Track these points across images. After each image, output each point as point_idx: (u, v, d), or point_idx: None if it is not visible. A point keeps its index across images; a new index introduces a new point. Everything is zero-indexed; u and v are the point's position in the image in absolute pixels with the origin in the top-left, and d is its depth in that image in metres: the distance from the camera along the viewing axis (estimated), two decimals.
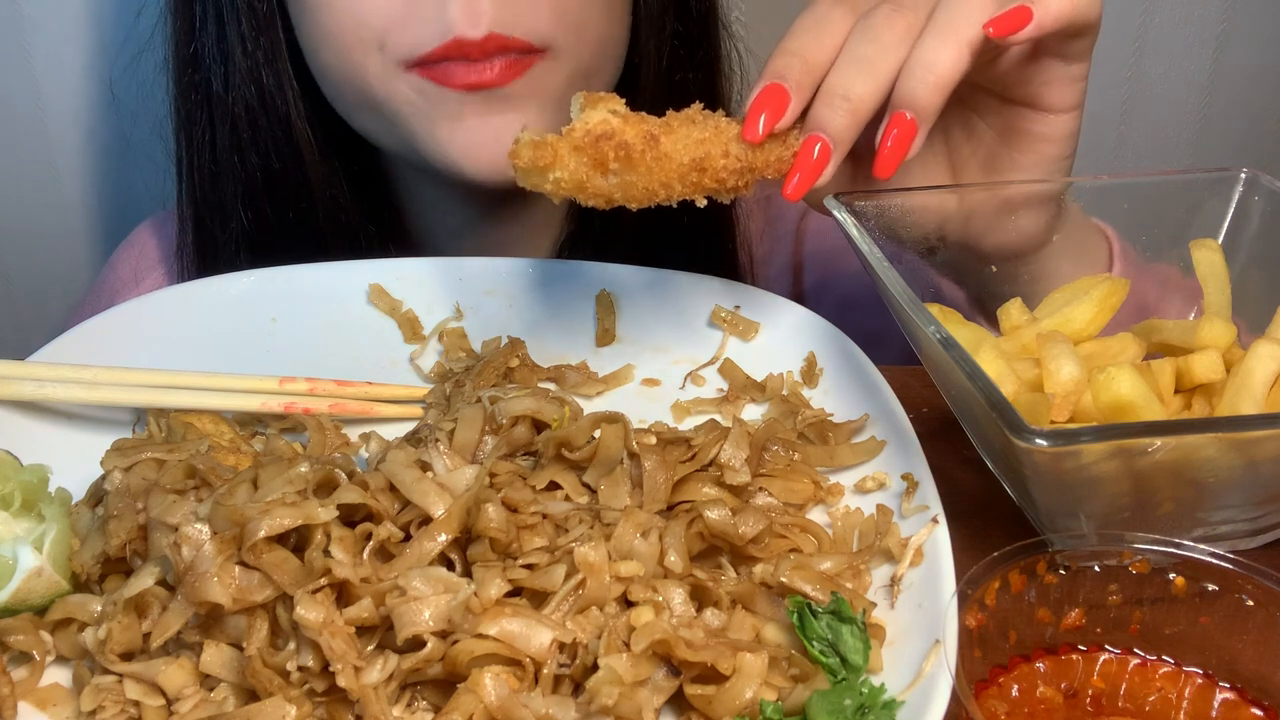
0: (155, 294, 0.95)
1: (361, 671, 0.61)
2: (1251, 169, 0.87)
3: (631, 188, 0.76)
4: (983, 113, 0.88)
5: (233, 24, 1.06)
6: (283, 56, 1.07)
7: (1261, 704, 0.62)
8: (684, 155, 0.76)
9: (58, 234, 1.51)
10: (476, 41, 0.94)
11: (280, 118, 1.08)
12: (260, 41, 1.06)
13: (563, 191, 0.76)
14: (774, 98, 0.78)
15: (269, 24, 1.06)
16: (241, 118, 1.09)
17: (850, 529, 0.74)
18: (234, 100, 1.08)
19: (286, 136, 1.09)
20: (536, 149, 0.75)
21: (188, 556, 0.63)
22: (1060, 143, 0.87)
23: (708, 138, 0.77)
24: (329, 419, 0.83)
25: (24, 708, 0.64)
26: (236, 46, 1.07)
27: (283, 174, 1.10)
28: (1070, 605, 0.64)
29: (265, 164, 1.10)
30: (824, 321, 0.91)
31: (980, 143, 0.89)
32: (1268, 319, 0.77)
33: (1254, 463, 0.66)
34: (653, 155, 0.75)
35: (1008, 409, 0.62)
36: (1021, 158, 0.88)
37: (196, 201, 1.15)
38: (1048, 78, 0.84)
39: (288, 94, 1.08)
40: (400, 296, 0.96)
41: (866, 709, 0.59)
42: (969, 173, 0.91)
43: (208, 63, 1.09)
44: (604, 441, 0.72)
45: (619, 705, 0.59)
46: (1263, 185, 0.86)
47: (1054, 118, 0.86)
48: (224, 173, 1.12)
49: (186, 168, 1.15)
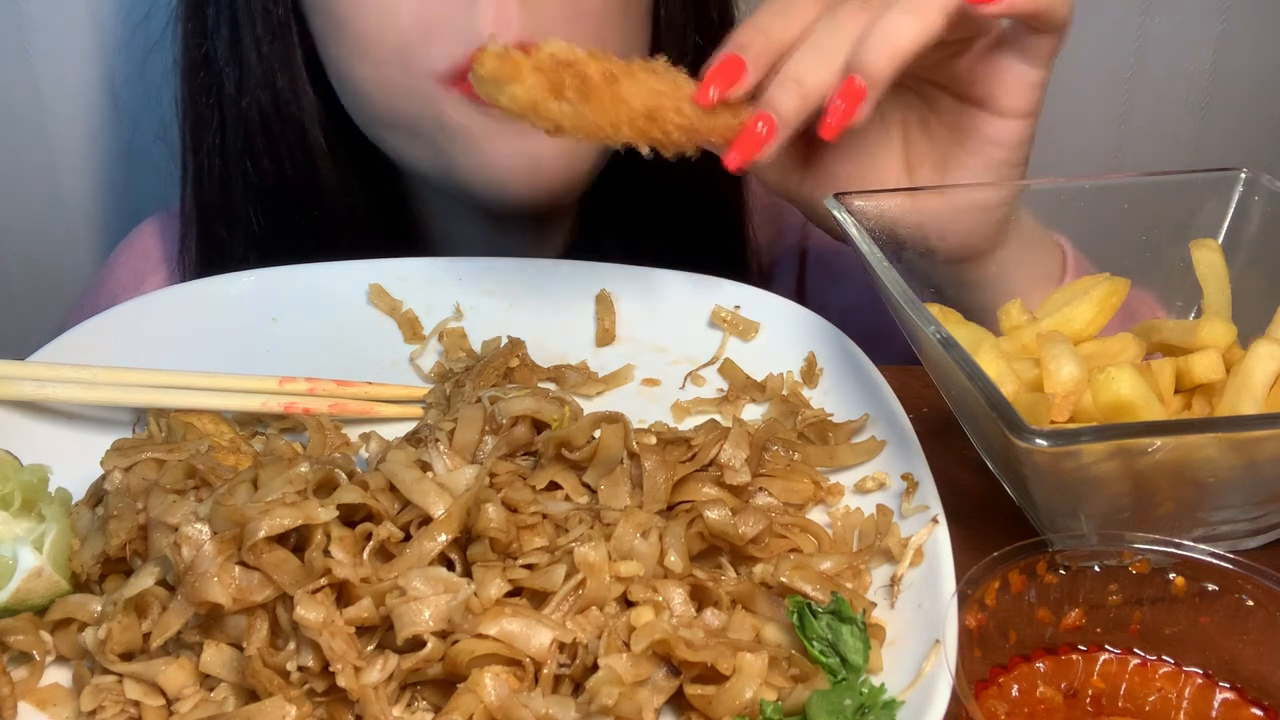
0: (155, 294, 0.95)
1: (361, 671, 0.61)
2: (1251, 169, 0.87)
3: (582, 119, 0.78)
4: (938, 111, 0.90)
5: (247, 27, 1.06)
6: (297, 63, 1.06)
7: (1261, 704, 0.62)
8: (638, 101, 0.78)
9: (58, 234, 1.51)
10: None
11: (295, 123, 1.08)
12: (275, 46, 1.06)
13: (515, 108, 0.78)
14: (730, 68, 0.81)
15: (284, 29, 1.05)
16: (255, 122, 1.08)
17: (850, 529, 0.74)
18: (248, 104, 1.08)
19: (301, 142, 1.09)
20: (500, 60, 0.77)
21: (188, 556, 0.63)
22: (1009, 148, 0.88)
23: (665, 90, 0.80)
24: (329, 419, 0.83)
25: (24, 708, 0.64)
26: (251, 50, 1.06)
27: (295, 179, 1.10)
28: (1070, 605, 0.64)
29: (278, 169, 1.10)
30: (824, 321, 0.91)
31: (935, 140, 0.91)
32: (1268, 319, 0.77)
33: (1254, 463, 0.66)
34: (609, 93, 0.78)
35: (1008, 409, 0.62)
36: (970, 159, 0.89)
37: (203, 204, 1.15)
38: (1004, 78, 0.85)
39: (302, 100, 1.08)
40: (400, 296, 0.96)
41: (866, 709, 0.59)
42: (923, 170, 0.92)
43: (220, 65, 1.09)
44: (604, 441, 0.72)
45: (619, 705, 0.59)
46: (1263, 185, 0.86)
47: (1004, 122, 0.87)
48: (234, 176, 1.11)
49: (194, 170, 1.15)
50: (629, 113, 0.78)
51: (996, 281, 0.92)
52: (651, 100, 0.79)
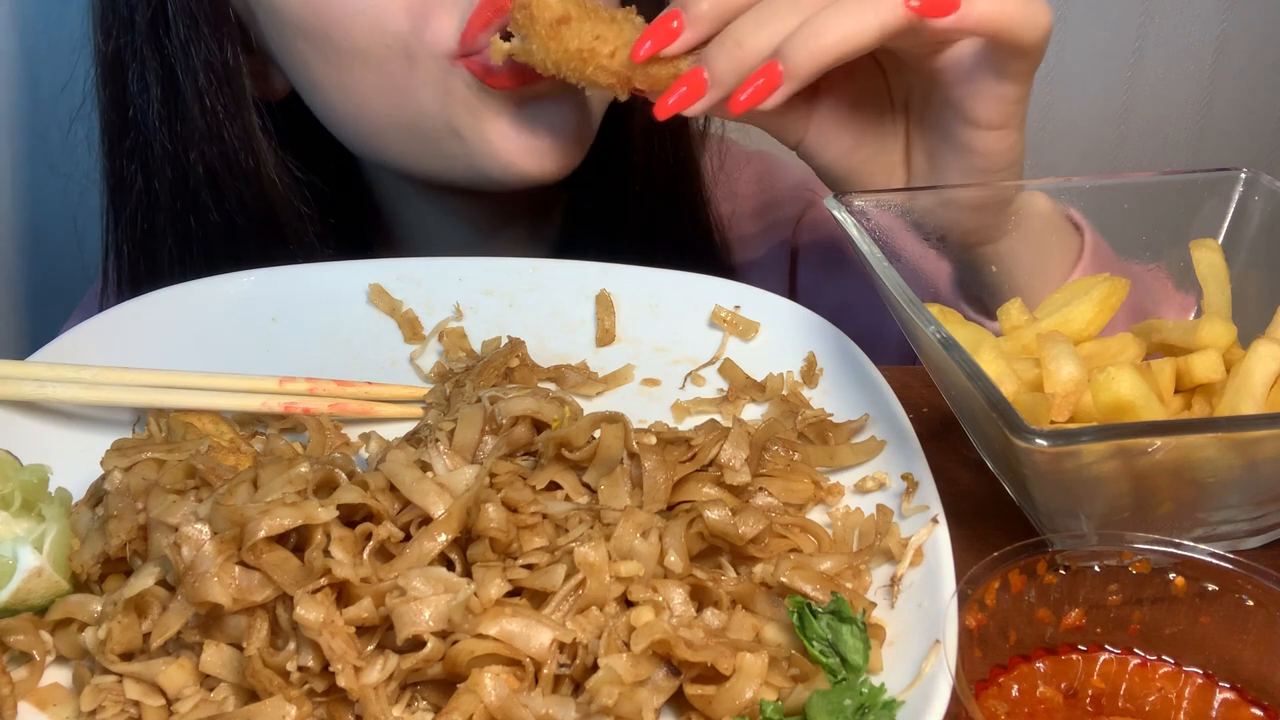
0: (155, 294, 0.95)
1: (361, 671, 0.61)
2: (1251, 169, 0.87)
3: (531, 55, 0.87)
4: (931, 104, 0.89)
5: (188, 80, 1.00)
6: (248, 106, 1.02)
7: (1261, 704, 0.62)
8: (574, 43, 0.85)
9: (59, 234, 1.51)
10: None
11: (248, 172, 1.04)
12: (223, 93, 1.01)
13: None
14: (665, 26, 0.83)
15: (233, 75, 1.00)
16: (201, 178, 1.04)
17: (850, 529, 0.74)
18: (193, 160, 1.03)
19: (256, 189, 1.05)
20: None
21: (188, 556, 0.63)
22: (988, 157, 0.86)
23: (606, 36, 0.85)
24: (329, 419, 0.83)
25: (24, 708, 0.64)
26: (194, 104, 1.00)
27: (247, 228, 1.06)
28: (1070, 605, 0.64)
29: (227, 222, 1.06)
30: (824, 321, 0.91)
31: (929, 130, 0.90)
32: (1268, 319, 0.77)
33: (1254, 463, 0.66)
34: (548, 32, 0.85)
35: (1008, 409, 0.62)
36: (953, 160, 0.88)
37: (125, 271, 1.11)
38: (976, 89, 0.83)
39: (255, 146, 1.03)
40: (400, 296, 0.96)
41: (866, 709, 0.59)
42: (917, 158, 0.92)
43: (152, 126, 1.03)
44: (604, 441, 0.72)
45: (619, 705, 0.59)
46: (1263, 185, 0.86)
47: (980, 132, 0.85)
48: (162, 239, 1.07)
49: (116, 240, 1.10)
50: (564, 52, 0.85)
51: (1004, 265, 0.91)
52: (589, 43, 0.84)
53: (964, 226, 0.89)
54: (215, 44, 0.99)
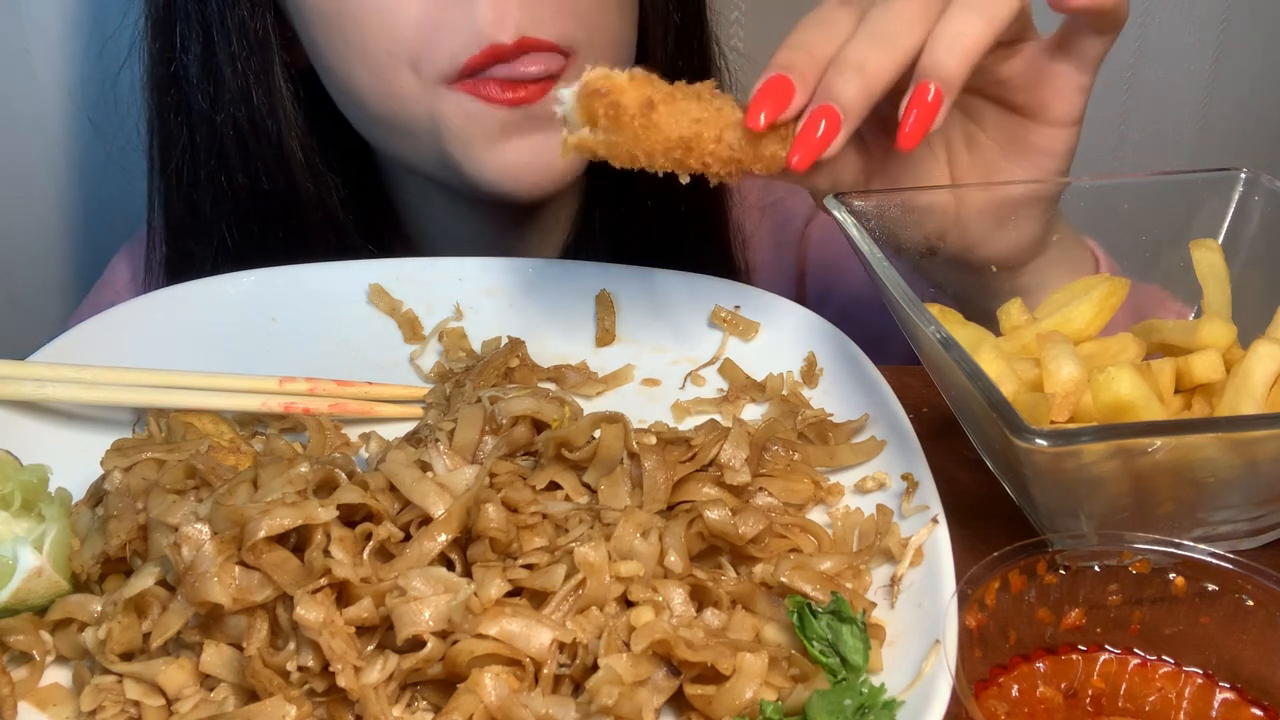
0: (155, 294, 0.95)
1: (361, 671, 0.61)
2: (1251, 169, 0.87)
3: (616, 147, 0.76)
4: (985, 124, 0.87)
5: (223, 43, 1.04)
6: (276, 76, 1.05)
7: (1261, 704, 0.62)
8: (674, 130, 0.76)
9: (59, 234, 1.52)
10: (509, 46, 0.93)
11: (271, 139, 1.07)
12: (252, 61, 1.04)
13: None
14: (779, 87, 0.76)
15: (263, 43, 1.04)
16: (230, 138, 1.07)
17: (850, 529, 0.74)
18: (223, 120, 1.06)
19: (278, 156, 1.08)
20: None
21: (188, 556, 0.63)
22: (1059, 158, 0.86)
23: (705, 118, 0.76)
24: (329, 419, 0.83)
25: (24, 708, 0.64)
26: (227, 66, 1.04)
27: (272, 193, 1.09)
28: (1070, 605, 0.64)
29: (254, 184, 1.08)
30: (824, 321, 0.91)
31: (981, 155, 0.88)
32: (1268, 319, 0.77)
33: (1254, 463, 0.66)
34: (641, 122, 0.75)
35: (1008, 409, 0.62)
36: (1019, 173, 0.86)
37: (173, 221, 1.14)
38: (1057, 84, 0.83)
39: (279, 114, 1.06)
40: (400, 296, 0.97)
41: (866, 709, 0.59)
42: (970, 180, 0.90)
43: (191, 82, 1.07)
44: (604, 441, 0.72)
45: (619, 705, 0.59)
46: (1263, 185, 0.86)
47: (1055, 131, 0.85)
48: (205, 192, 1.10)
49: (163, 188, 1.13)
50: (664, 141, 0.76)
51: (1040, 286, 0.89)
52: (689, 129, 0.76)
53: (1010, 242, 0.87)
54: (248, 10, 1.03)
